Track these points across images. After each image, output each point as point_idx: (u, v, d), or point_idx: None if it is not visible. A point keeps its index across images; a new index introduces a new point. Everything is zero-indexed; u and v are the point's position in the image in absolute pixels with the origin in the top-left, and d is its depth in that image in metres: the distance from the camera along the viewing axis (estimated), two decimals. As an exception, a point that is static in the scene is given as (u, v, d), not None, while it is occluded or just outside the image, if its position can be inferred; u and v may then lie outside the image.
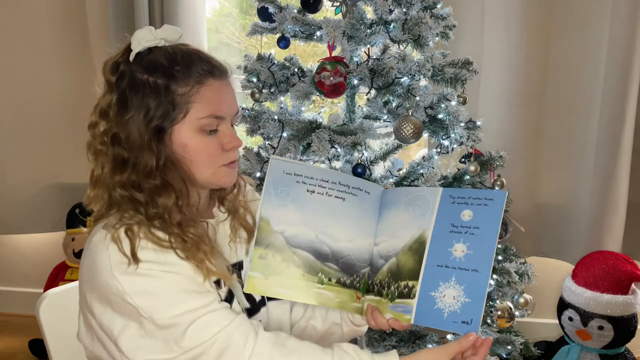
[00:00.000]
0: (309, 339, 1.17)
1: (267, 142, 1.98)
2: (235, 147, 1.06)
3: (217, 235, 1.11)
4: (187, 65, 1.01)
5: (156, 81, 0.99)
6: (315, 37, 1.92)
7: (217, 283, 1.02)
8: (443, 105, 1.83)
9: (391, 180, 1.87)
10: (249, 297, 1.11)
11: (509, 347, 2.00)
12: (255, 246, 1.08)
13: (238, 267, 1.12)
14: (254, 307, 1.12)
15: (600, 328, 1.99)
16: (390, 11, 1.83)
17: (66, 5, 2.60)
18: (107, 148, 1.01)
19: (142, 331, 0.94)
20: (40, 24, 2.62)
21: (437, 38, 1.86)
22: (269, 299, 1.16)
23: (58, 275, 2.68)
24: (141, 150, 0.99)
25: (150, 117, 0.99)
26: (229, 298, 1.05)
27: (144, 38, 1.02)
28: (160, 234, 0.97)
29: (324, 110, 2.24)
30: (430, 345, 1.96)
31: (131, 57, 1.02)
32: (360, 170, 1.75)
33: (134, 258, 0.93)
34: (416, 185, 1.83)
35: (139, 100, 0.99)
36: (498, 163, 1.92)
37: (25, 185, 2.75)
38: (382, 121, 1.98)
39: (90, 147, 1.04)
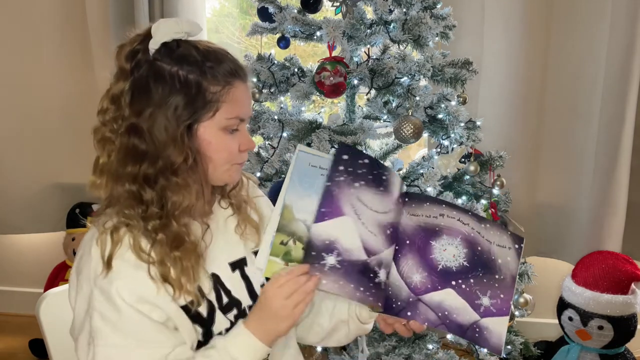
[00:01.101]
0: (315, 336, 1.21)
1: (267, 142, 1.98)
2: (249, 148, 1.07)
3: (218, 232, 1.11)
4: (219, 64, 1.01)
5: (187, 76, 0.99)
6: (315, 37, 1.92)
7: (200, 290, 1.02)
8: (443, 105, 1.83)
9: (391, 180, 1.87)
10: (252, 294, 1.11)
11: (509, 347, 2.00)
12: (277, 232, 1.07)
13: (242, 263, 1.12)
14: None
15: (600, 328, 1.99)
16: (390, 11, 1.83)
17: (66, 5, 2.60)
18: (116, 136, 1.00)
19: (89, 348, 0.96)
20: (40, 24, 2.62)
21: (437, 38, 1.87)
22: None
23: (58, 275, 2.68)
24: (167, 145, 0.98)
25: (180, 113, 0.98)
26: (210, 312, 1.04)
27: (171, 29, 1.00)
28: (144, 242, 0.97)
29: (324, 110, 2.24)
30: (430, 346, 1.96)
31: (153, 47, 1.00)
32: (360, 170, 1.75)
33: (108, 265, 0.95)
34: (416, 186, 1.83)
35: (165, 93, 0.98)
36: (498, 163, 1.92)
37: (25, 185, 2.75)
38: (382, 121, 1.98)
39: (97, 133, 1.02)
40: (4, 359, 2.61)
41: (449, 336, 2.08)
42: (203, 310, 1.03)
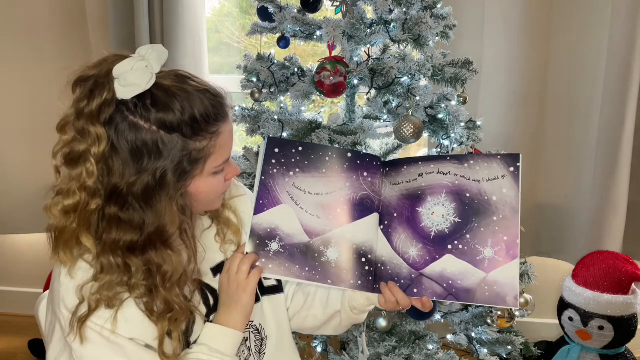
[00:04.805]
0: (310, 326, 1.20)
1: (267, 142, 1.98)
2: (235, 175, 1.05)
3: (198, 241, 1.09)
4: (201, 110, 0.93)
5: (171, 136, 0.90)
6: (315, 37, 1.91)
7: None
8: (443, 105, 1.83)
9: (391, 180, 1.87)
10: None
11: (509, 347, 2.00)
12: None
13: (222, 267, 1.10)
14: None
15: (601, 328, 1.99)
16: (390, 11, 1.82)
17: (66, 6, 2.60)
18: (92, 202, 0.94)
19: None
20: (40, 25, 2.62)
21: (437, 38, 1.86)
22: (262, 294, 1.15)
23: (58, 276, 2.68)
24: (158, 215, 0.92)
25: (169, 180, 0.92)
26: (189, 326, 1.04)
27: (144, 79, 0.89)
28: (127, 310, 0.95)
29: (324, 110, 2.24)
30: (430, 346, 1.96)
31: (123, 97, 0.89)
32: (360, 170, 1.75)
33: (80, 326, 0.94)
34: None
35: (150, 159, 0.90)
36: (498, 163, 1.91)
37: (26, 185, 2.75)
38: (382, 121, 1.97)
39: (73, 197, 0.97)
40: (4, 359, 2.61)
41: (449, 336, 2.08)
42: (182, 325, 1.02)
